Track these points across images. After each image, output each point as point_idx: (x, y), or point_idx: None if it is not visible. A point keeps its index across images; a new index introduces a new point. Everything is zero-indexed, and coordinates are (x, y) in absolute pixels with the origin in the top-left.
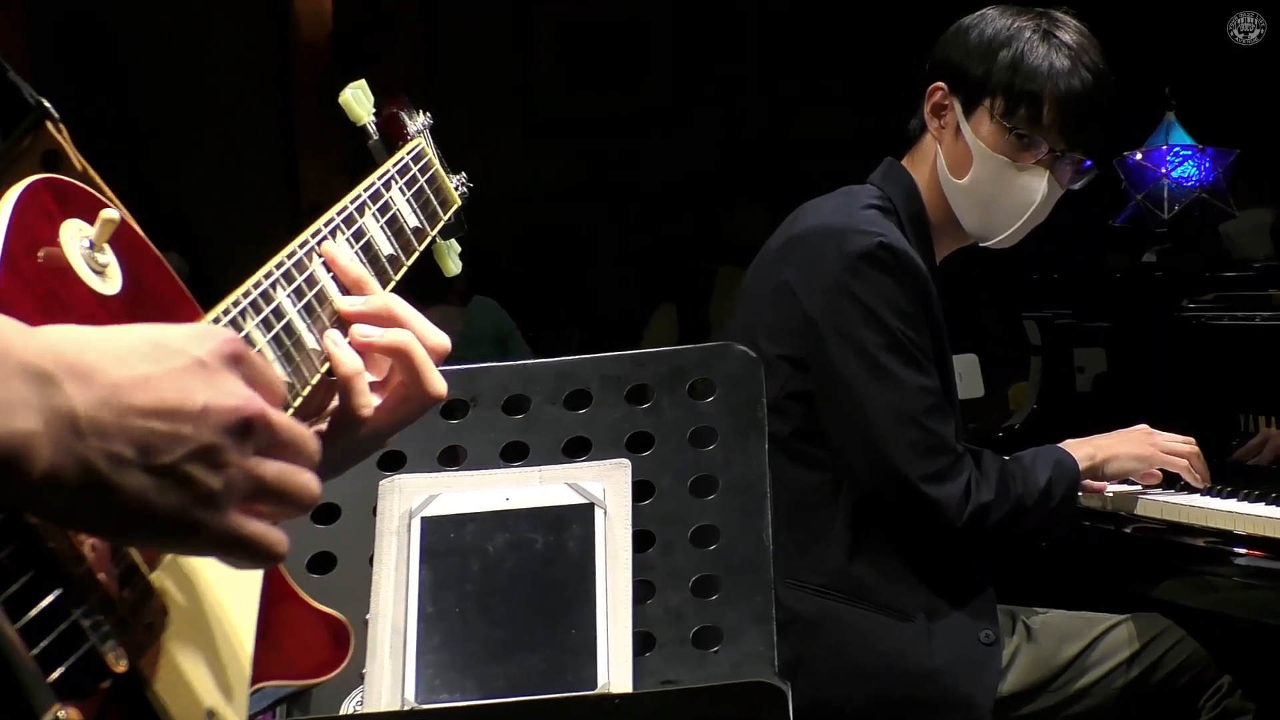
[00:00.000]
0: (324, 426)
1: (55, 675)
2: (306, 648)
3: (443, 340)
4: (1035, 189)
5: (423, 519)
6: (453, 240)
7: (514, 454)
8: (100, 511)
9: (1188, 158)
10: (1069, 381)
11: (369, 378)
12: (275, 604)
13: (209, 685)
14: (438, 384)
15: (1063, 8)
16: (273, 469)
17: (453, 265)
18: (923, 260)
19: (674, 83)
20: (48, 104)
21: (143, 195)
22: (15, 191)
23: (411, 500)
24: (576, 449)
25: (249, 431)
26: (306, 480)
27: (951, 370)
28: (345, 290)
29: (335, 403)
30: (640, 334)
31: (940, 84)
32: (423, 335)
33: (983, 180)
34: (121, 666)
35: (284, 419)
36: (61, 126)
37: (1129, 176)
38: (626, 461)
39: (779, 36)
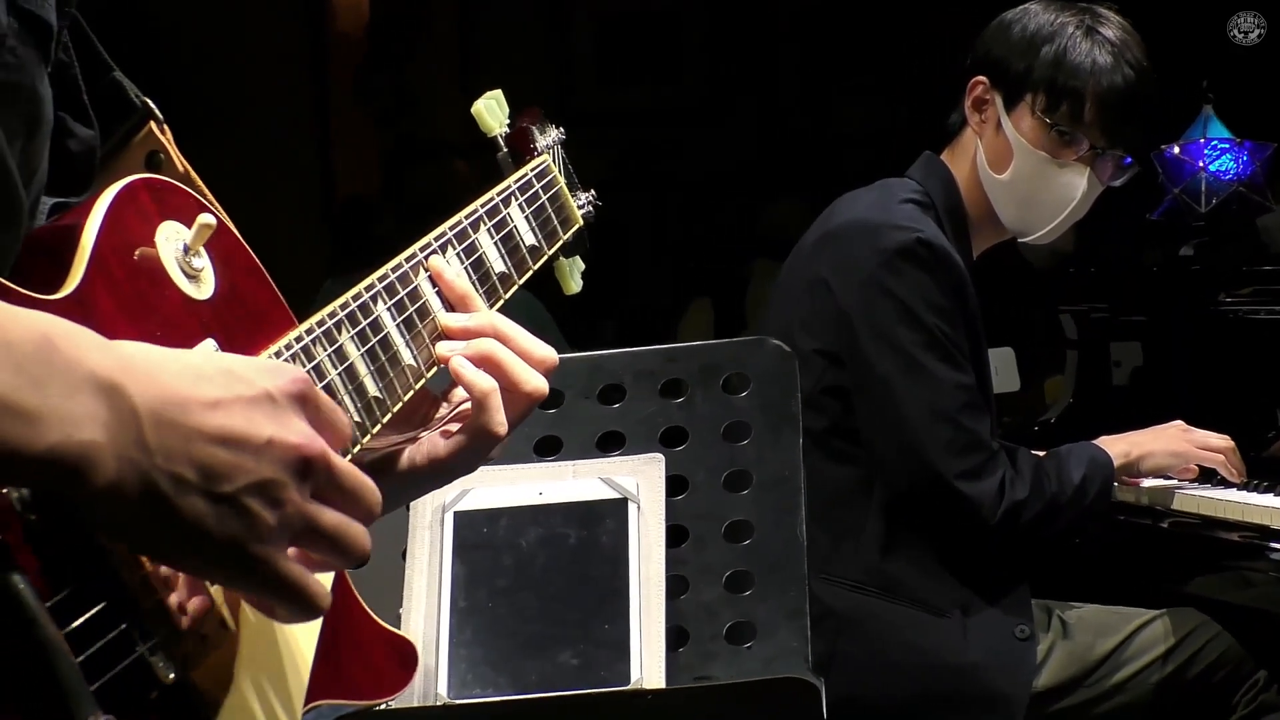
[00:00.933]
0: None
1: (100, 683)
2: (371, 668)
3: (549, 353)
4: (1075, 186)
5: (455, 513)
6: (576, 258)
7: (547, 448)
8: (156, 531)
9: (1225, 151)
10: (1105, 376)
11: (497, 395)
12: (341, 620)
13: (262, 702)
14: (534, 381)
15: (1105, 3)
16: (329, 516)
17: (574, 284)
18: (960, 255)
19: (711, 75)
20: (153, 105)
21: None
22: (113, 190)
23: (444, 495)
24: (610, 443)
25: (309, 472)
26: (359, 533)
27: (987, 366)
28: (450, 307)
29: (434, 432)
30: (675, 328)
31: (982, 79)
32: (527, 351)
33: (1023, 176)
34: (170, 678)
35: (345, 465)
36: (165, 127)
37: (1166, 170)
38: (660, 456)
39: (817, 28)
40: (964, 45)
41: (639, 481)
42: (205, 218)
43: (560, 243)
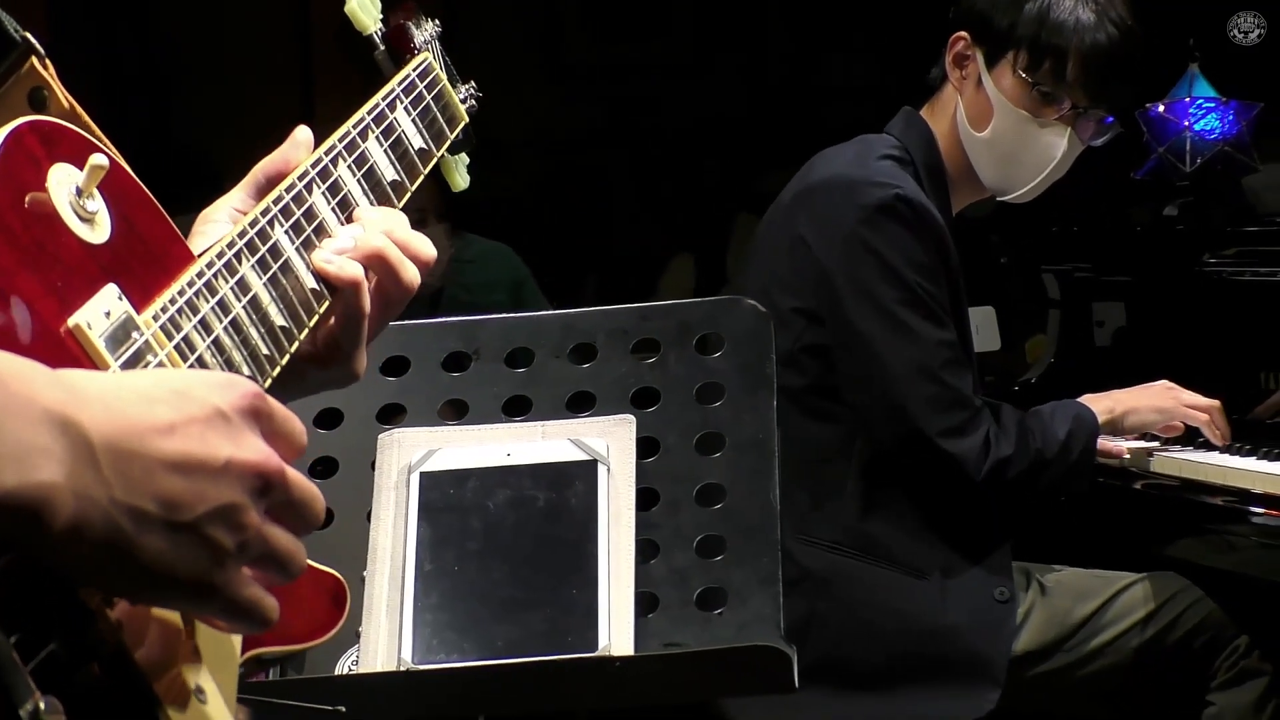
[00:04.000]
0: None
1: (34, 662)
2: (302, 609)
3: (426, 247)
4: (1056, 145)
5: (422, 474)
6: (462, 154)
7: (516, 408)
8: (117, 568)
9: (1210, 110)
10: (1087, 335)
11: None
12: None
13: (197, 661)
14: (411, 275)
15: None
16: (282, 539)
17: (460, 180)
18: (939, 212)
19: (698, 29)
20: (33, 39)
21: (164, 136)
22: None
23: (411, 455)
24: (580, 404)
25: (267, 489)
26: (302, 552)
27: (968, 323)
28: (348, 221)
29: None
30: (658, 282)
31: (963, 34)
32: (405, 243)
33: (1003, 134)
34: (107, 648)
35: (298, 477)
36: (48, 62)
37: (1151, 129)
38: (631, 417)
39: None
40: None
41: (609, 443)
42: (97, 158)
43: (448, 142)
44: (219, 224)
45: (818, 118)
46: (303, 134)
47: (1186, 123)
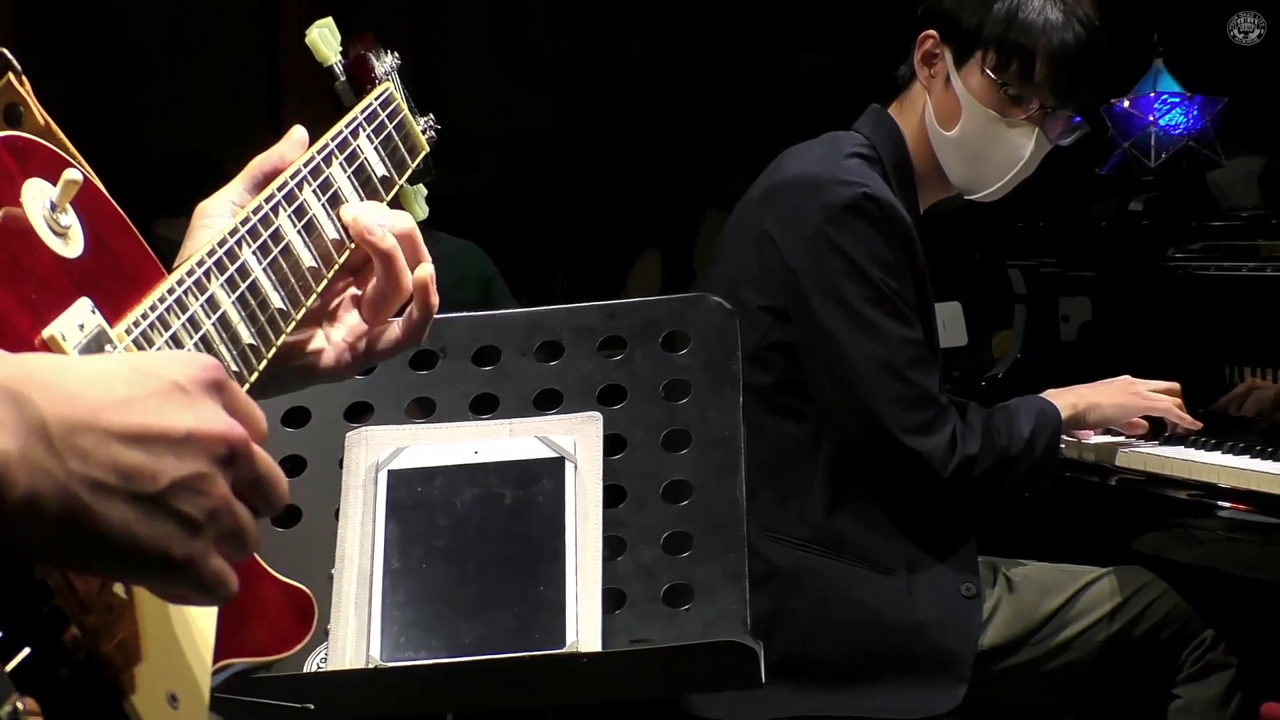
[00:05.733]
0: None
1: (12, 665)
2: (270, 623)
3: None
4: (1023, 145)
5: (390, 472)
6: (420, 185)
7: (483, 406)
8: (80, 543)
9: (1175, 105)
10: (1053, 330)
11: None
12: (241, 578)
13: (170, 668)
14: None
15: None
16: (244, 514)
17: (419, 210)
18: (906, 209)
19: (667, 24)
20: (9, 54)
21: (132, 135)
22: None
23: (379, 453)
24: (547, 402)
25: (234, 459)
26: (257, 533)
27: (935, 321)
28: (318, 243)
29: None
30: (625, 278)
31: (932, 32)
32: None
33: (970, 134)
34: (80, 652)
35: (264, 455)
36: (24, 79)
37: (1116, 124)
38: (598, 415)
39: None
40: None
41: (576, 440)
42: (71, 173)
43: (410, 171)
44: (218, 217)
45: (786, 114)
46: (298, 133)
47: (1151, 118)
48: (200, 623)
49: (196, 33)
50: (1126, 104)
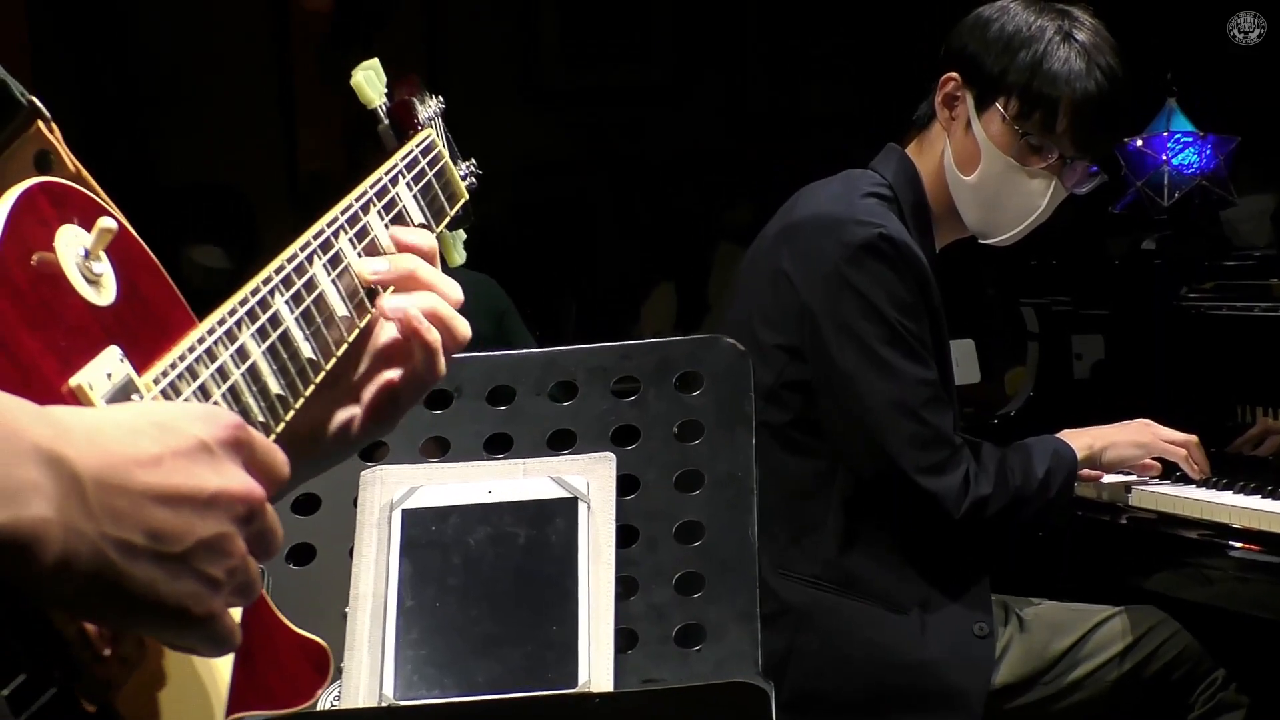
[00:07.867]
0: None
1: (25, 716)
2: (285, 674)
3: (458, 292)
4: (1041, 194)
5: (404, 511)
6: (459, 230)
7: (497, 446)
8: (103, 599)
9: (1188, 144)
10: (1066, 368)
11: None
12: (255, 629)
13: (184, 719)
14: (463, 327)
15: (1081, 4)
16: (255, 566)
17: (457, 257)
18: (922, 249)
19: (678, 55)
20: (39, 102)
21: (144, 164)
22: (11, 196)
23: (393, 492)
24: (561, 442)
25: (252, 519)
26: (261, 580)
27: (950, 361)
28: (351, 292)
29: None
30: (639, 310)
31: (954, 75)
32: (445, 293)
33: (989, 180)
34: (92, 706)
35: (271, 511)
36: (54, 126)
37: (1129, 163)
38: (611, 455)
39: (785, 8)
40: (933, 30)
41: (589, 481)
42: (105, 221)
43: (448, 219)
44: None
45: (796, 147)
46: None
47: (1164, 157)
48: (215, 674)
49: (210, 64)
50: (1140, 143)
